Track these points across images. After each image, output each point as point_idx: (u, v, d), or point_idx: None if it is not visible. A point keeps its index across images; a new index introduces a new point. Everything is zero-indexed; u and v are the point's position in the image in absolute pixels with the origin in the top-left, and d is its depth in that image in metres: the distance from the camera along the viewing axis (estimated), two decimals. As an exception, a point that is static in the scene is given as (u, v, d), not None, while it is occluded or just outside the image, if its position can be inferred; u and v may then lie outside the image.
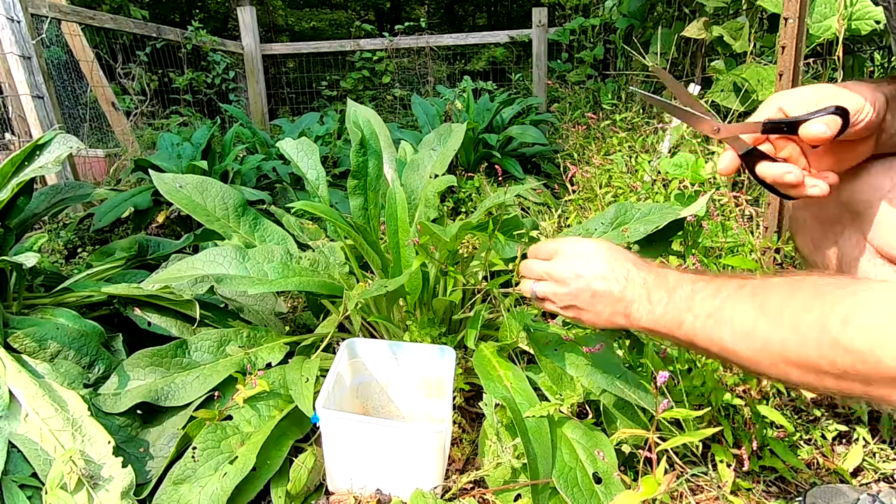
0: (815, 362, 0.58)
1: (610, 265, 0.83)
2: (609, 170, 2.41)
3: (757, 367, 0.66)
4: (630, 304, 0.79)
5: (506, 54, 6.06)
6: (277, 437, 1.09)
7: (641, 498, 0.81)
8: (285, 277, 1.23)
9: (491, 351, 1.16)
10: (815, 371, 0.59)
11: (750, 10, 2.37)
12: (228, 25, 8.94)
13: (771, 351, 0.62)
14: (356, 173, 1.46)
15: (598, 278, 0.82)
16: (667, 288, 0.76)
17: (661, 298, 0.76)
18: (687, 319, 0.72)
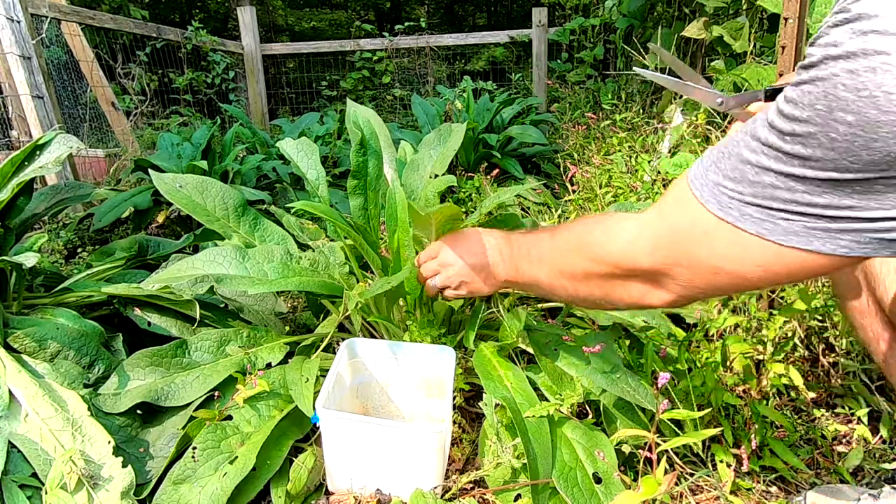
0: (581, 269, 0.81)
1: (477, 243, 1.03)
2: (609, 170, 2.41)
3: (551, 287, 0.88)
4: (496, 266, 1.00)
5: (506, 54, 6.06)
6: (277, 437, 1.09)
7: (641, 498, 0.81)
8: (285, 277, 1.23)
9: (491, 351, 1.16)
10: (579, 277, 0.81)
11: (750, 10, 2.37)
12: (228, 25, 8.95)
13: (556, 270, 0.85)
14: (356, 173, 1.46)
15: (471, 255, 1.03)
16: (512, 247, 0.97)
17: (510, 255, 0.97)
18: (521, 265, 0.94)
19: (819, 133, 0.48)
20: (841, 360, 1.36)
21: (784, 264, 0.56)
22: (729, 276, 0.62)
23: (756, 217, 0.55)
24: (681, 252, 0.64)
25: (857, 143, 0.46)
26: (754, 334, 1.37)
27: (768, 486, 1.09)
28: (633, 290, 0.74)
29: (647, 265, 0.69)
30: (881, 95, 0.44)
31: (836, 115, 0.47)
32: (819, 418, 1.27)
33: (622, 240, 0.73)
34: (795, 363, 1.37)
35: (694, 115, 2.30)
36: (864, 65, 0.44)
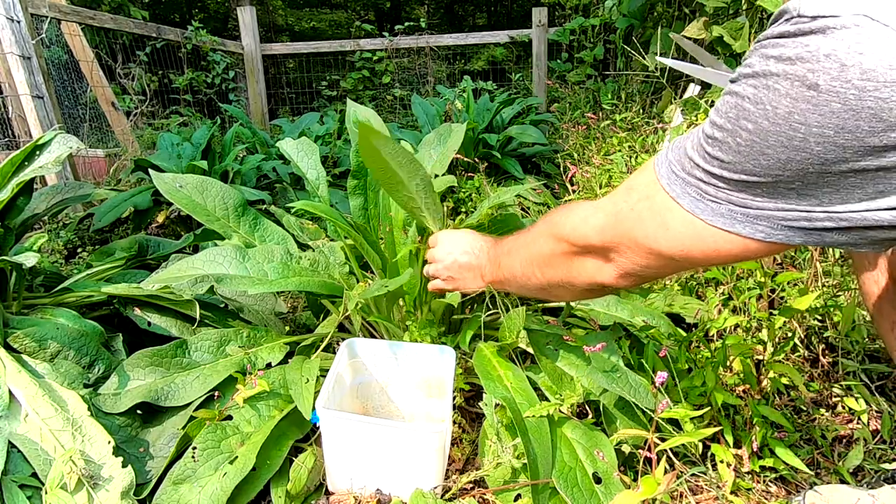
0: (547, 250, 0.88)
1: (470, 244, 1.11)
2: (609, 170, 2.41)
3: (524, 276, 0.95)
4: (483, 267, 1.08)
5: (506, 54, 6.06)
6: (277, 437, 1.09)
7: (641, 498, 0.81)
8: (285, 277, 1.23)
9: (491, 351, 1.16)
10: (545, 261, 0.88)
11: (750, 10, 2.37)
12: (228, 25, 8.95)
13: (528, 257, 0.93)
14: (356, 173, 1.46)
15: (462, 254, 1.11)
16: (497, 249, 1.05)
17: (495, 255, 1.05)
18: (502, 261, 1.01)
19: (729, 138, 0.57)
20: (841, 360, 1.36)
21: (712, 244, 0.63)
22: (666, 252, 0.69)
23: (692, 196, 0.63)
24: (625, 228, 0.72)
25: (754, 149, 0.55)
26: (754, 334, 1.37)
27: (768, 486, 1.09)
28: (587, 265, 0.82)
29: (597, 241, 0.78)
30: (770, 109, 0.52)
31: (741, 124, 0.55)
32: (819, 418, 1.27)
33: (577, 217, 0.82)
34: (795, 363, 1.37)
35: (694, 115, 2.30)
36: (763, 83, 0.52)
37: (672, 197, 0.65)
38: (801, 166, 0.52)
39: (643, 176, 0.72)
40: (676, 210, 0.65)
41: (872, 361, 1.40)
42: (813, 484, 1.09)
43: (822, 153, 0.51)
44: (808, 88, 0.49)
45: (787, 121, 0.51)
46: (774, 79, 0.51)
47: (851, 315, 1.32)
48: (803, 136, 0.51)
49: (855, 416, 1.26)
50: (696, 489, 1.08)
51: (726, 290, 1.57)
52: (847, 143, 0.49)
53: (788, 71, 0.50)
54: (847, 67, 0.46)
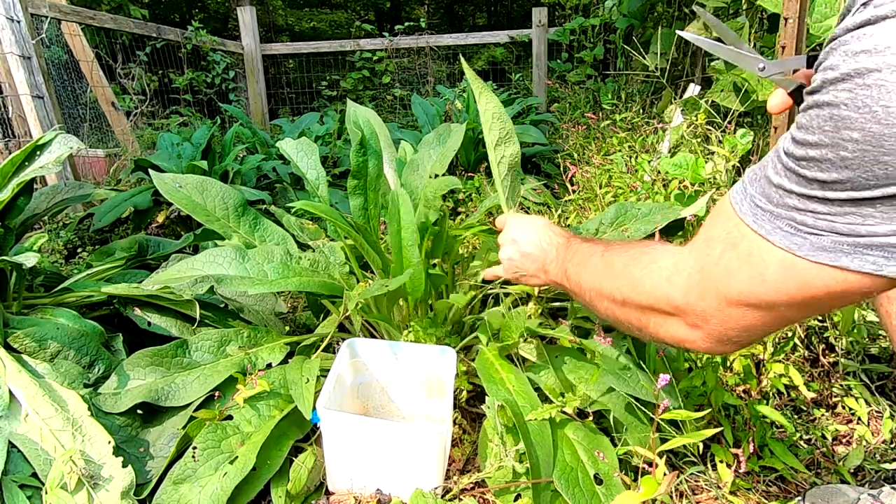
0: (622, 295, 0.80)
1: (537, 234, 1.05)
2: (609, 170, 2.41)
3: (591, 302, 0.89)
4: (548, 263, 1.01)
5: (506, 54, 6.06)
6: (278, 437, 1.09)
7: (641, 499, 0.81)
8: (285, 278, 1.23)
9: (493, 353, 1.16)
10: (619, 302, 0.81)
11: (750, 10, 2.37)
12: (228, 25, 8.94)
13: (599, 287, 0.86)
14: (356, 173, 1.46)
15: (527, 243, 1.05)
16: (568, 250, 0.98)
17: (563, 257, 0.98)
18: (570, 268, 0.95)
19: (831, 154, 0.49)
20: (841, 360, 1.36)
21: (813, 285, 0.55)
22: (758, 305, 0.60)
23: (786, 231, 0.55)
24: (712, 287, 0.63)
25: (867, 158, 0.47)
26: (754, 334, 1.36)
27: (768, 486, 1.09)
28: (671, 326, 0.72)
29: (681, 304, 0.68)
30: (879, 110, 0.45)
31: (843, 134, 0.48)
32: (819, 418, 1.27)
33: (659, 276, 0.72)
34: (795, 363, 1.37)
35: (694, 115, 2.30)
36: (860, 83, 0.46)
37: (762, 235, 0.56)
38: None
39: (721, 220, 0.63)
40: (769, 250, 0.56)
41: (872, 361, 1.40)
42: (813, 484, 1.09)
43: None
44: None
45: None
46: (875, 75, 0.45)
47: (851, 315, 1.32)
48: None
49: (855, 416, 1.26)
50: (697, 489, 1.08)
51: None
52: None
53: (891, 61, 0.44)
54: None
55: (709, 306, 0.64)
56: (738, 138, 2.00)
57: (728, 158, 1.97)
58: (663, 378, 0.89)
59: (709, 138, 2.21)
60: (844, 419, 1.28)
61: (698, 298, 0.65)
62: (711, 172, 1.95)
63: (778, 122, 1.64)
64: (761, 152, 2.20)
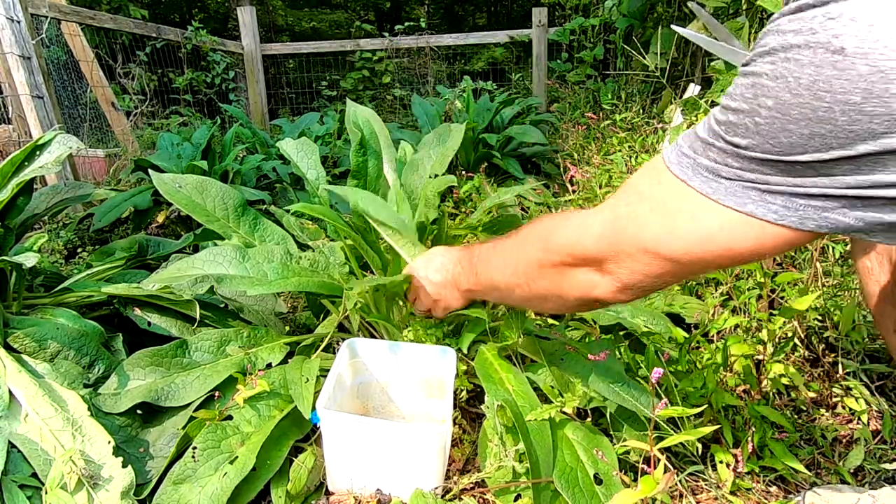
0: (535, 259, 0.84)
1: (440, 261, 1.11)
2: (609, 170, 2.41)
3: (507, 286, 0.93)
4: (457, 278, 1.07)
5: (506, 54, 6.06)
6: (278, 437, 1.08)
7: (640, 496, 0.81)
8: (285, 278, 1.23)
9: (492, 353, 1.16)
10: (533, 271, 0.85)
11: (750, 10, 2.37)
12: (228, 25, 8.94)
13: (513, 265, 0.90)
14: (356, 173, 1.46)
15: (434, 272, 1.11)
16: (472, 255, 1.04)
17: (469, 263, 1.04)
18: (479, 269, 0.99)
19: (746, 119, 0.55)
20: (841, 360, 1.36)
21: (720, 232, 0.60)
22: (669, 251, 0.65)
23: (705, 176, 0.60)
24: (627, 233, 0.68)
25: (775, 125, 0.52)
26: (754, 335, 1.37)
27: (768, 486, 1.09)
28: (581, 277, 0.77)
29: (594, 251, 0.73)
30: (792, 80, 0.50)
31: (759, 101, 0.53)
32: (819, 418, 1.27)
33: (573, 224, 0.77)
34: (795, 363, 1.37)
35: (694, 115, 2.30)
36: (782, 56, 0.51)
37: (683, 180, 0.62)
38: (825, 141, 0.50)
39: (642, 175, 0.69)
40: (687, 193, 0.61)
41: (872, 361, 1.40)
42: (813, 484, 1.09)
43: (848, 123, 0.48)
44: (832, 53, 0.47)
45: (811, 90, 0.49)
46: (795, 50, 0.49)
47: (851, 315, 1.32)
48: (828, 106, 0.48)
49: (855, 416, 1.26)
50: (697, 489, 1.08)
51: (726, 290, 1.57)
52: (876, 111, 0.47)
53: (810, 40, 0.48)
54: (874, 27, 0.45)
55: (619, 252, 0.70)
56: (738, 138, 1.99)
57: (728, 158, 1.97)
58: (656, 371, 0.88)
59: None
60: (844, 419, 1.28)
61: (611, 245, 0.70)
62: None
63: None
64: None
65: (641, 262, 0.68)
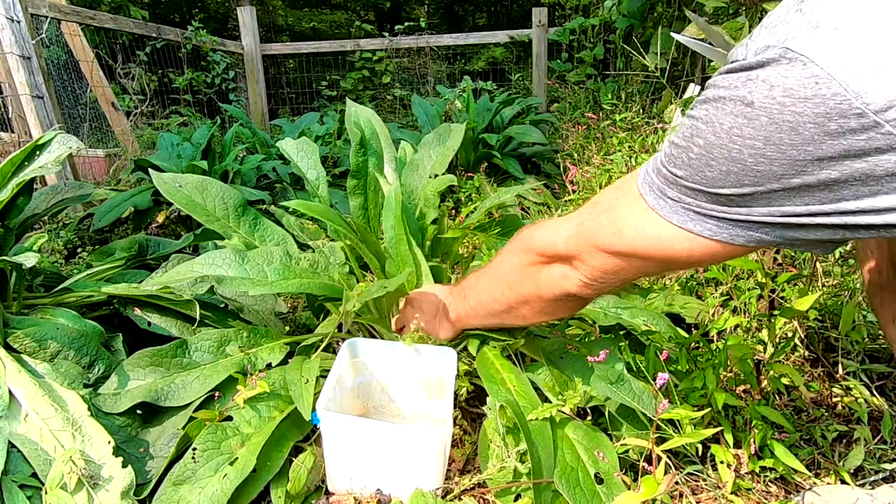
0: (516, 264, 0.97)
1: (432, 295, 1.22)
2: (609, 170, 2.41)
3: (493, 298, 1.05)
4: (447, 308, 1.19)
5: (506, 54, 6.06)
6: (278, 438, 1.08)
7: (642, 499, 0.81)
8: (286, 279, 1.23)
9: (494, 354, 1.16)
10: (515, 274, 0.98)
11: (750, 10, 2.37)
12: (228, 25, 8.94)
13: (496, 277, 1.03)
14: (356, 173, 1.46)
15: (425, 305, 1.23)
16: (460, 290, 1.16)
17: (458, 292, 1.16)
18: (468, 293, 1.13)
19: (683, 154, 0.65)
20: (841, 360, 1.36)
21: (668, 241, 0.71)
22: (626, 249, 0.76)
23: (656, 194, 0.71)
24: (588, 233, 0.81)
25: (701, 162, 0.62)
26: (755, 335, 1.37)
27: (768, 486, 1.09)
28: (554, 272, 0.90)
29: (562, 249, 0.86)
30: (717, 125, 0.60)
31: (693, 140, 0.63)
32: (819, 418, 1.27)
33: (547, 229, 0.90)
34: (795, 363, 1.37)
35: (694, 115, 2.29)
36: (713, 105, 0.60)
37: (641, 194, 0.73)
38: (738, 178, 0.60)
39: (609, 189, 0.81)
40: (641, 206, 0.73)
41: (872, 361, 1.40)
42: (813, 484, 1.09)
43: (754, 164, 0.58)
44: (745, 105, 0.57)
45: (729, 134, 0.59)
46: (722, 101, 0.59)
47: (851, 315, 1.32)
48: (739, 148, 0.59)
49: (855, 416, 1.26)
50: (696, 489, 1.08)
51: (726, 290, 1.57)
52: (773, 155, 0.57)
53: (733, 94, 0.58)
54: (774, 87, 0.55)
55: (581, 251, 0.83)
56: (738, 138, 1.99)
57: (728, 158, 1.97)
58: (661, 377, 0.89)
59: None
60: (844, 419, 1.28)
61: (577, 244, 0.84)
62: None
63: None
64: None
65: (599, 260, 0.81)
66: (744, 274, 1.57)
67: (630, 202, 0.75)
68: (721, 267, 1.57)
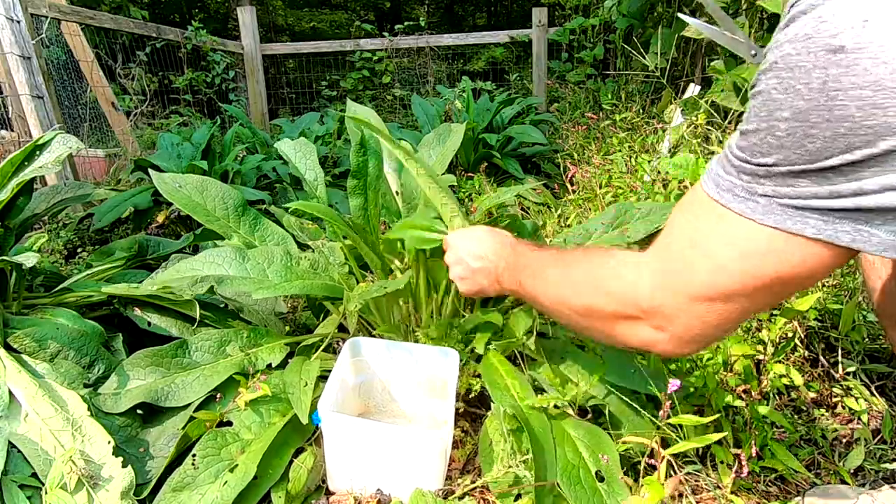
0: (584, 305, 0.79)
1: (482, 247, 1.04)
2: (609, 170, 2.41)
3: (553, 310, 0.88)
4: (500, 273, 1.01)
5: (505, 54, 6.06)
6: (279, 445, 1.07)
7: (648, 504, 0.81)
8: (288, 281, 1.22)
9: (498, 359, 1.17)
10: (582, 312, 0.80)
11: (750, 9, 2.37)
12: (228, 25, 8.94)
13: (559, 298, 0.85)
14: (356, 173, 1.46)
15: (474, 258, 1.05)
16: (518, 259, 0.98)
17: (514, 267, 0.98)
18: (525, 281, 0.94)
19: (768, 137, 0.55)
20: (841, 360, 1.36)
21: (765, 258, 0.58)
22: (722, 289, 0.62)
23: (742, 197, 0.59)
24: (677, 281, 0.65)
25: (797, 134, 0.52)
26: (755, 335, 1.37)
27: (768, 486, 1.09)
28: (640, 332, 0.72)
29: (646, 307, 0.69)
30: (802, 88, 0.51)
31: (774, 115, 0.54)
32: (819, 418, 1.27)
33: (626, 274, 0.72)
34: (795, 363, 1.37)
35: (694, 115, 2.29)
36: (785, 66, 0.52)
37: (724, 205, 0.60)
38: (848, 141, 0.50)
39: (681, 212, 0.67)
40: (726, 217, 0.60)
41: (872, 361, 1.40)
42: (813, 484, 1.09)
43: (864, 118, 0.48)
44: (833, 53, 0.48)
45: (823, 91, 0.49)
46: (796, 58, 0.50)
47: (851, 315, 1.32)
48: (843, 103, 0.49)
49: (855, 416, 1.26)
50: (697, 489, 1.08)
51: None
52: (886, 103, 0.47)
53: (809, 46, 0.49)
54: (869, 21, 0.46)
55: (674, 305, 0.66)
56: (738, 138, 1.99)
57: (728, 158, 1.97)
58: (673, 383, 0.89)
59: (709, 138, 2.21)
60: (844, 419, 1.28)
61: (664, 298, 0.66)
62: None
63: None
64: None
65: (697, 311, 0.64)
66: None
67: (714, 223, 0.61)
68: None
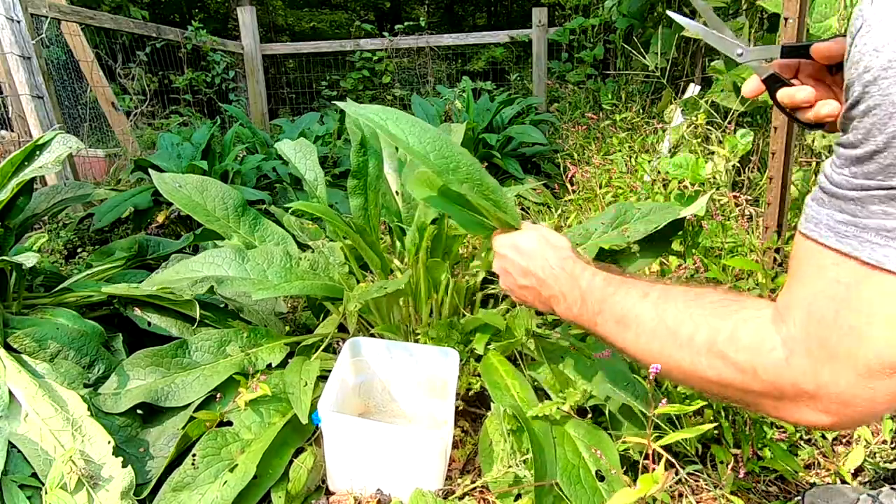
0: (703, 372, 0.64)
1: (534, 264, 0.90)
2: (609, 170, 2.41)
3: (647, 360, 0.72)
4: (551, 299, 0.88)
5: (505, 54, 6.06)
6: (279, 445, 1.07)
7: (639, 495, 0.81)
8: (288, 282, 1.22)
9: (498, 359, 1.17)
10: (704, 381, 0.64)
11: (750, 10, 2.37)
12: (228, 25, 8.94)
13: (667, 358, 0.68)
14: (356, 173, 1.46)
15: (522, 274, 0.91)
16: (580, 291, 0.83)
17: (575, 300, 0.84)
18: (599, 322, 0.79)
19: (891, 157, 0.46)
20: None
21: None
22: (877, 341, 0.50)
23: (874, 242, 0.49)
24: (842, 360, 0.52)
25: None
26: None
27: (768, 486, 1.09)
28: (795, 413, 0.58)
29: (812, 390, 0.55)
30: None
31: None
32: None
33: (774, 358, 0.57)
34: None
35: (694, 115, 2.30)
36: None
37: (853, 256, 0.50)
38: None
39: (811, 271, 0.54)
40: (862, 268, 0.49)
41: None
42: (813, 484, 1.09)
43: None
44: None
45: None
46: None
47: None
48: None
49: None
50: (696, 489, 1.08)
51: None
52: None
53: None
54: None
55: (851, 386, 0.52)
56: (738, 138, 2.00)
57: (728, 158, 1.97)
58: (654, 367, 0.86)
59: (709, 138, 2.21)
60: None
61: (834, 380, 0.52)
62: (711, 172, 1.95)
63: (777, 123, 1.64)
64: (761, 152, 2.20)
65: (868, 387, 0.51)
66: (744, 274, 1.56)
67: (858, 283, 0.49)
68: (721, 267, 1.57)
